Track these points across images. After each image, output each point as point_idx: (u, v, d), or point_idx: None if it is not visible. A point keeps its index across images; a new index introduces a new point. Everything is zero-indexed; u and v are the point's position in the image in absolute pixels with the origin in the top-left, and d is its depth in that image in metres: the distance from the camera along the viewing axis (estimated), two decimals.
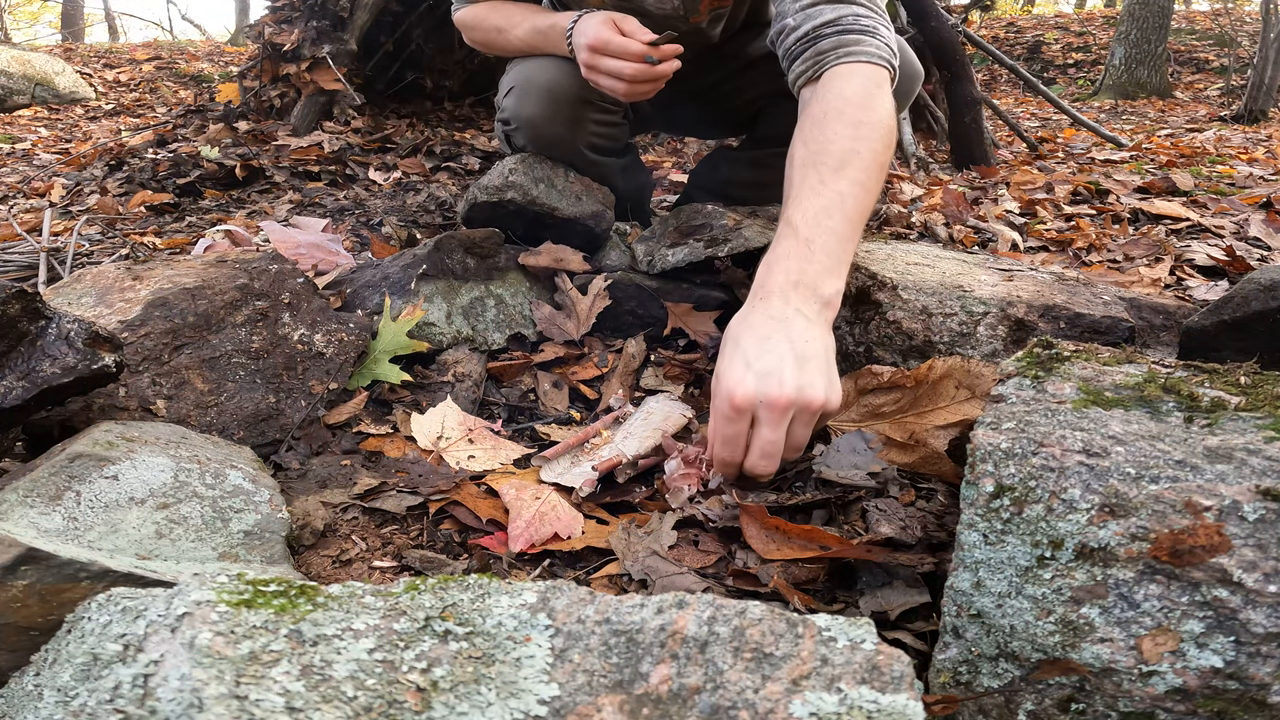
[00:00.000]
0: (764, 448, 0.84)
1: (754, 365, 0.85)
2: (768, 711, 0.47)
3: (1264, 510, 0.55)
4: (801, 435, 0.86)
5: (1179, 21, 9.90)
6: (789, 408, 0.83)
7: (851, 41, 1.08)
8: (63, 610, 0.60)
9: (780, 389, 0.83)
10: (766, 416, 0.84)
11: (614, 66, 1.27)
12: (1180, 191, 2.42)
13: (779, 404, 0.83)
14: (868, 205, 0.99)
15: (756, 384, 0.84)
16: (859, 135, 1.00)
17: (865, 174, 0.99)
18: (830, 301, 0.92)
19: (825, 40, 1.09)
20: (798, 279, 0.91)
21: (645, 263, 1.45)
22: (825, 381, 0.86)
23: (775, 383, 0.84)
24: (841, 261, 0.95)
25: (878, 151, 1.00)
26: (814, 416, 0.86)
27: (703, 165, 1.89)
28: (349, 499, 0.95)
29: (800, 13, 1.13)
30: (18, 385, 0.82)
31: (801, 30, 1.12)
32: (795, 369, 0.84)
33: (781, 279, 0.92)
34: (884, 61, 1.08)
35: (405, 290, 1.29)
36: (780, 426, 0.84)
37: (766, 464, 0.85)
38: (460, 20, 1.58)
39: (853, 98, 1.04)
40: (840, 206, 0.96)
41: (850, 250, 0.96)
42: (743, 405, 0.84)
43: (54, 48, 9.29)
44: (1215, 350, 0.96)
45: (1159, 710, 0.54)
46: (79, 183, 2.70)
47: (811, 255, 0.93)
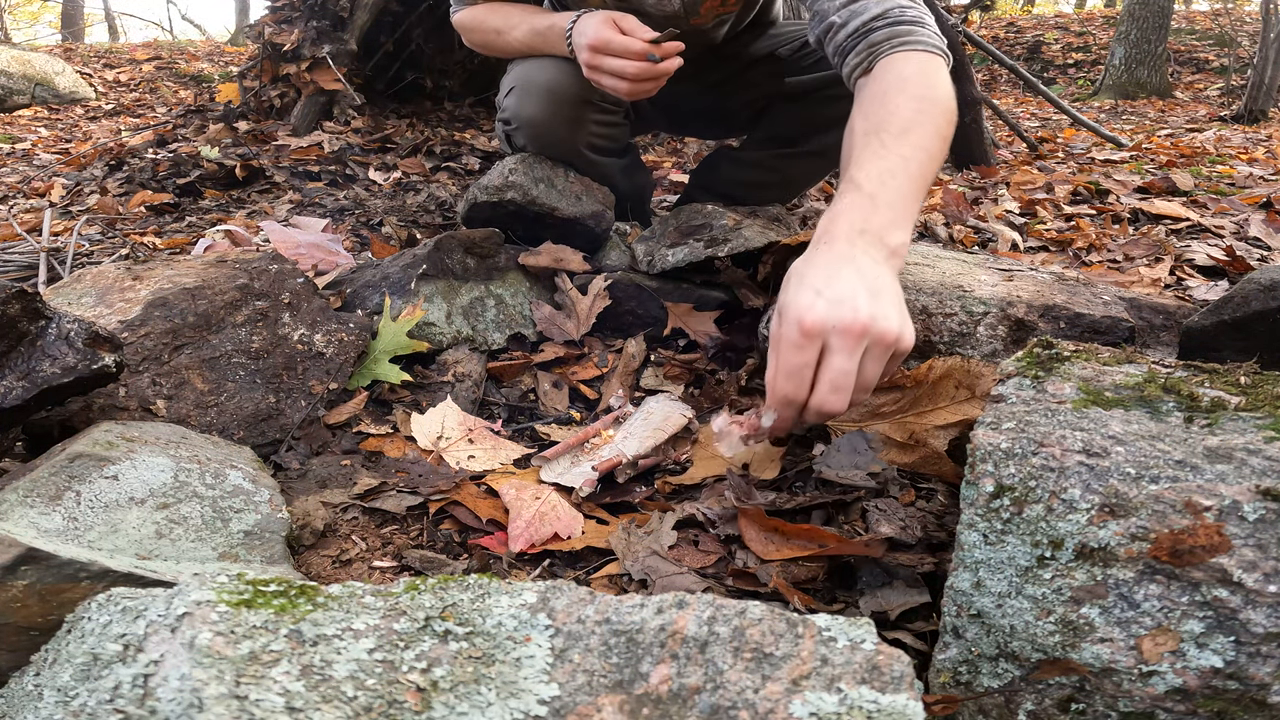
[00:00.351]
0: (835, 378, 0.78)
1: (824, 293, 0.80)
2: (768, 711, 0.47)
3: (1264, 510, 0.55)
4: (872, 372, 0.80)
5: (1179, 21, 9.90)
6: (864, 334, 0.78)
7: (904, 32, 1.09)
8: (63, 610, 0.60)
9: (855, 314, 0.78)
10: (839, 343, 0.78)
11: (616, 65, 1.27)
12: (1180, 191, 2.42)
13: (854, 329, 0.78)
14: (931, 172, 0.97)
15: (828, 309, 0.79)
16: (920, 109, 0.99)
17: (929, 142, 0.97)
18: (897, 251, 0.89)
19: (877, 33, 1.10)
20: (863, 227, 0.88)
21: (645, 263, 1.45)
22: (900, 317, 0.81)
23: (849, 309, 0.79)
24: (906, 217, 0.92)
25: (940, 126, 0.99)
26: (887, 352, 0.80)
27: (703, 165, 1.89)
28: (349, 499, 0.95)
29: (844, 9, 1.14)
30: (18, 385, 0.82)
31: (851, 26, 1.12)
32: (869, 299, 0.80)
33: (846, 227, 0.89)
34: (938, 49, 1.09)
35: (405, 290, 1.29)
36: (854, 355, 0.78)
37: (837, 398, 0.79)
38: (459, 23, 1.58)
39: (912, 77, 1.04)
40: (904, 169, 0.94)
41: (914, 209, 0.93)
42: (813, 330, 0.79)
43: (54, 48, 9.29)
44: (1215, 350, 0.96)
45: (1159, 710, 0.54)
46: (79, 183, 2.70)
47: (876, 208, 0.90)
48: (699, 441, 1.11)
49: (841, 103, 1.52)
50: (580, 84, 1.44)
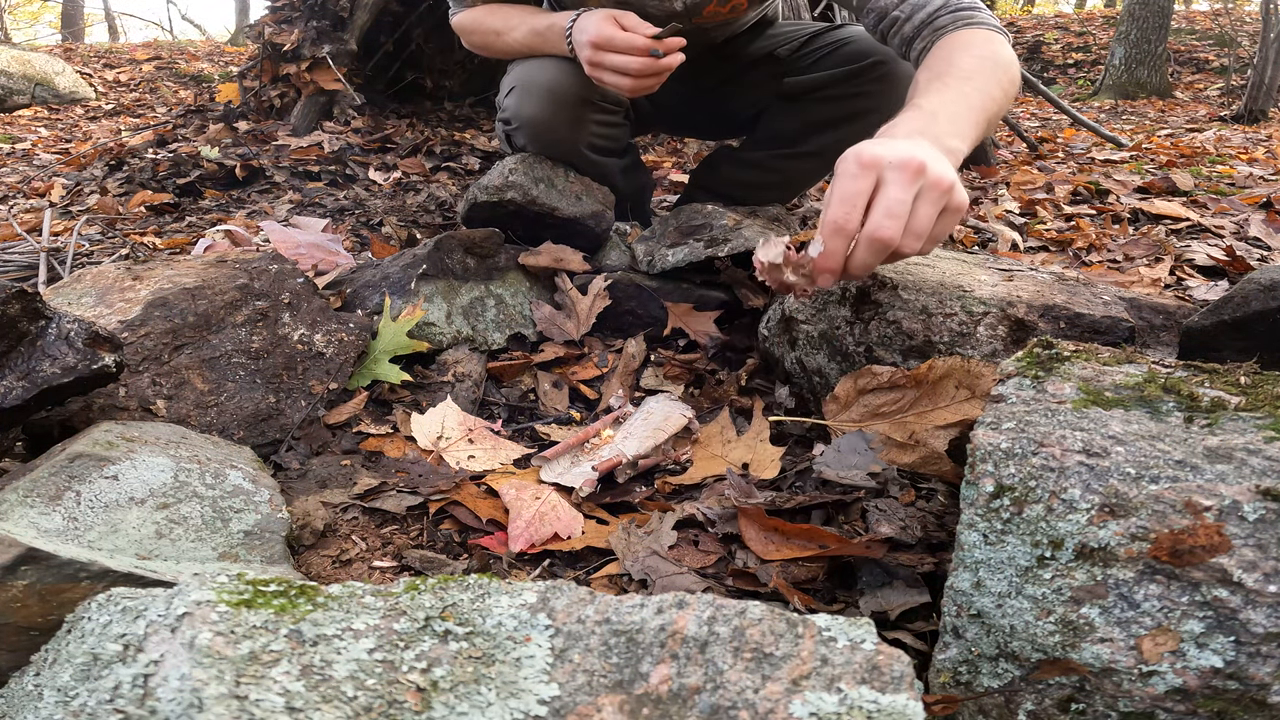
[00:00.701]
0: (890, 205, 0.79)
1: (881, 144, 0.83)
2: (768, 711, 0.47)
3: (1264, 510, 0.55)
4: (926, 215, 0.81)
5: (1179, 21, 9.90)
6: (920, 172, 0.80)
7: (965, 15, 1.16)
8: (63, 610, 0.60)
9: (912, 154, 0.81)
10: (895, 176, 0.80)
11: (619, 62, 1.27)
12: (1180, 191, 2.42)
13: (910, 165, 0.80)
14: (990, 110, 1.00)
15: (885, 149, 0.81)
16: (981, 64, 1.05)
17: (988, 86, 1.01)
18: (955, 153, 0.91)
19: (941, 19, 1.17)
20: (922, 130, 0.91)
21: (645, 263, 1.45)
22: (955, 176, 0.83)
23: (907, 151, 0.81)
24: (965, 131, 0.94)
25: (1000, 80, 1.03)
26: (942, 197, 0.81)
27: (703, 165, 1.89)
28: (349, 499, 0.95)
29: (905, 4, 1.22)
30: (18, 385, 0.82)
31: (916, 20, 1.20)
32: (926, 153, 0.82)
33: (905, 129, 0.92)
34: (999, 29, 1.15)
35: (405, 290, 1.29)
36: (909, 189, 0.79)
37: (892, 224, 0.79)
38: (458, 25, 1.58)
39: (976, 42, 1.11)
40: (964, 99, 0.98)
41: (975, 130, 0.96)
42: (869, 162, 0.81)
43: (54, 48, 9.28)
44: (1215, 350, 0.96)
45: (1159, 710, 0.54)
46: (79, 183, 2.70)
47: (935, 120, 0.93)
48: (699, 441, 1.11)
49: (840, 103, 1.53)
50: (580, 84, 1.44)
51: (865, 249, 0.82)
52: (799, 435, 1.12)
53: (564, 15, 1.39)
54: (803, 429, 1.12)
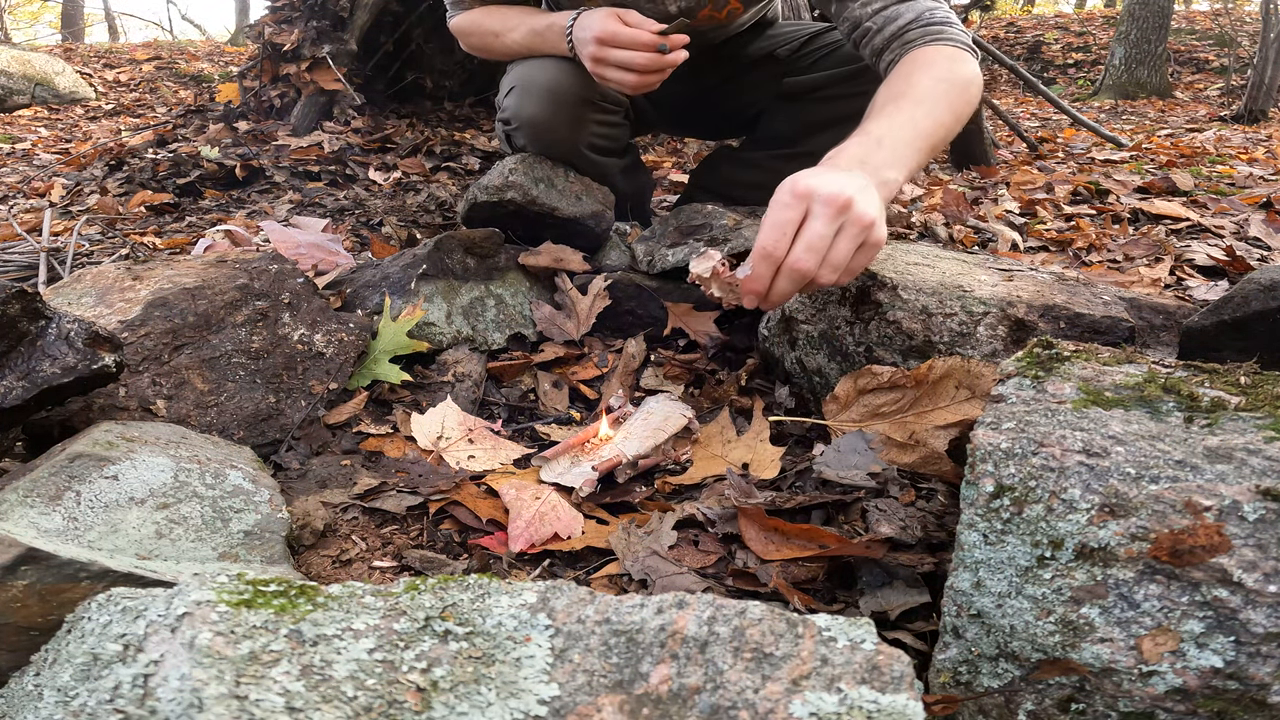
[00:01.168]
0: (811, 240, 0.87)
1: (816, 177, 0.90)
2: (768, 711, 0.47)
3: (1264, 510, 0.55)
4: (844, 249, 0.88)
5: (1179, 21, 9.89)
6: (845, 208, 0.86)
7: (935, 31, 1.19)
8: (63, 610, 0.60)
9: (840, 190, 0.87)
10: (820, 210, 0.87)
11: (624, 58, 1.27)
12: (1180, 191, 2.42)
13: (836, 201, 0.86)
14: (938, 136, 1.06)
15: (817, 182, 0.88)
16: (937, 86, 1.09)
17: (940, 111, 1.06)
18: (889, 184, 0.97)
19: (911, 33, 1.20)
20: (864, 159, 0.97)
21: (645, 263, 1.45)
22: (879, 213, 0.90)
23: (836, 186, 0.87)
24: (906, 160, 1.00)
25: (954, 103, 1.09)
26: (861, 233, 0.88)
27: (703, 165, 1.89)
28: (349, 499, 0.95)
29: (877, 15, 1.24)
30: (18, 385, 0.82)
31: (887, 32, 1.22)
32: (857, 190, 0.89)
33: (847, 157, 0.98)
34: (966, 45, 1.18)
35: (405, 290, 1.29)
36: (832, 224, 0.86)
37: (810, 258, 0.86)
38: (456, 28, 1.58)
39: (937, 61, 1.14)
40: (912, 124, 1.03)
41: (914, 160, 1.02)
42: (801, 193, 0.88)
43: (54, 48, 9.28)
44: (1215, 350, 0.96)
45: (1159, 710, 0.54)
46: (79, 183, 2.70)
47: (879, 148, 0.99)
48: (699, 441, 1.11)
49: (839, 103, 1.53)
50: (580, 83, 1.44)
51: (785, 277, 0.89)
52: (799, 435, 1.12)
53: (563, 15, 1.39)
54: (803, 429, 1.12)
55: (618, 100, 1.55)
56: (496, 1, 1.54)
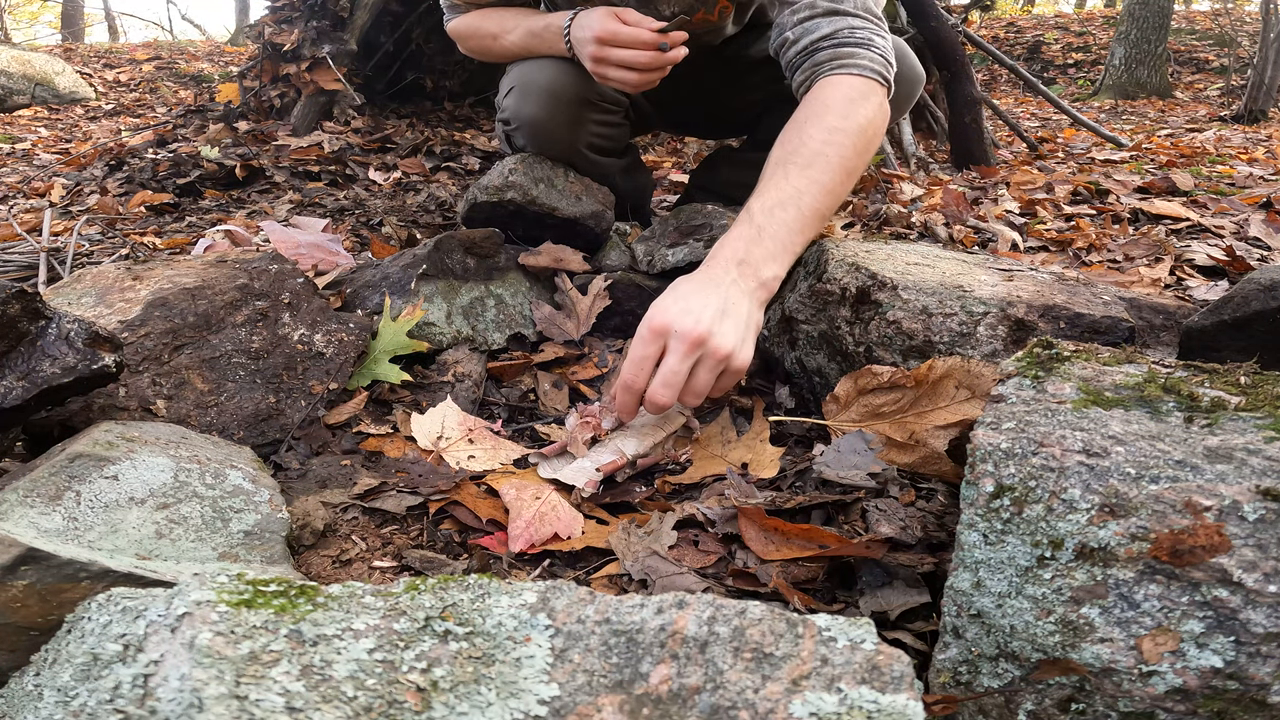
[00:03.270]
0: (666, 376, 0.91)
1: (679, 304, 0.94)
2: (768, 711, 0.47)
3: (1264, 510, 0.55)
4: (703, 380, 0.93)
5: (1179, 21, 9.89)
6: (698, 344, 0.91)
7: (846, 54, 1.14)
8: (63, 610, 0.60)
9: (695, 325, 0.91)
10: (675, 346, 0.91)
11: (625, 56, 1.27)
12: (1180, 191, 2.42)
13: (689, 337, 0.90)
14: (826, 204, 1.06)
15: (675, 316, 0.92)
16: (829, 140, 1.07)
17: (829, 175, 1.06)
18: (767, 284, 1.00)
19: (822, 53, 1.16)
20: (743, 258, 0.99)
21: (645, 263, 1.45)
22: (738, 339, 0.94)
23: (692, 320, 0.91)
24: (787, 249, 1.02)
25: (846, 156, 1.07)
26: (719, 364, 0.92)
27: (703, 166, 1.89)
28: (349, 499, 0.95)
29: (798, 26, 1.19)
30: (18, 385, 0.82)
31: (801, 44, 1.18)
32: (715, 318, 0.92)
33: (728, 254, 1.00)
34: (875, 74, 1.14)
35: (405, 290, 1.29)
36: (686, 360, 0.91)
37: (665, 393, 0.91)
38: (454, 31, 1.58)
39: (833, 105, 1.10)
40: (796, 201, 1.03)
41: (799, 242, 1.03)
42: (658, 329, 0.92)
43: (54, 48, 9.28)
44: (1215, 350, 0.96)
45: (1159, 710, 0.54)
46: (79, 183, 2.70)
47: (760, 240, 1.01)
48: (699, 441, 1.11)
49: None
50: (580, 84, 1.44)
51: (649, 405, 0.95)
52: (799, 435, 1.12)
53: (560, 15, 1.39)
54: (803, 429, 1.12)
55: (617, 100, 1.55)
56: (493, 4, 1.54)
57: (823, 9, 1.18)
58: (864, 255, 1.16)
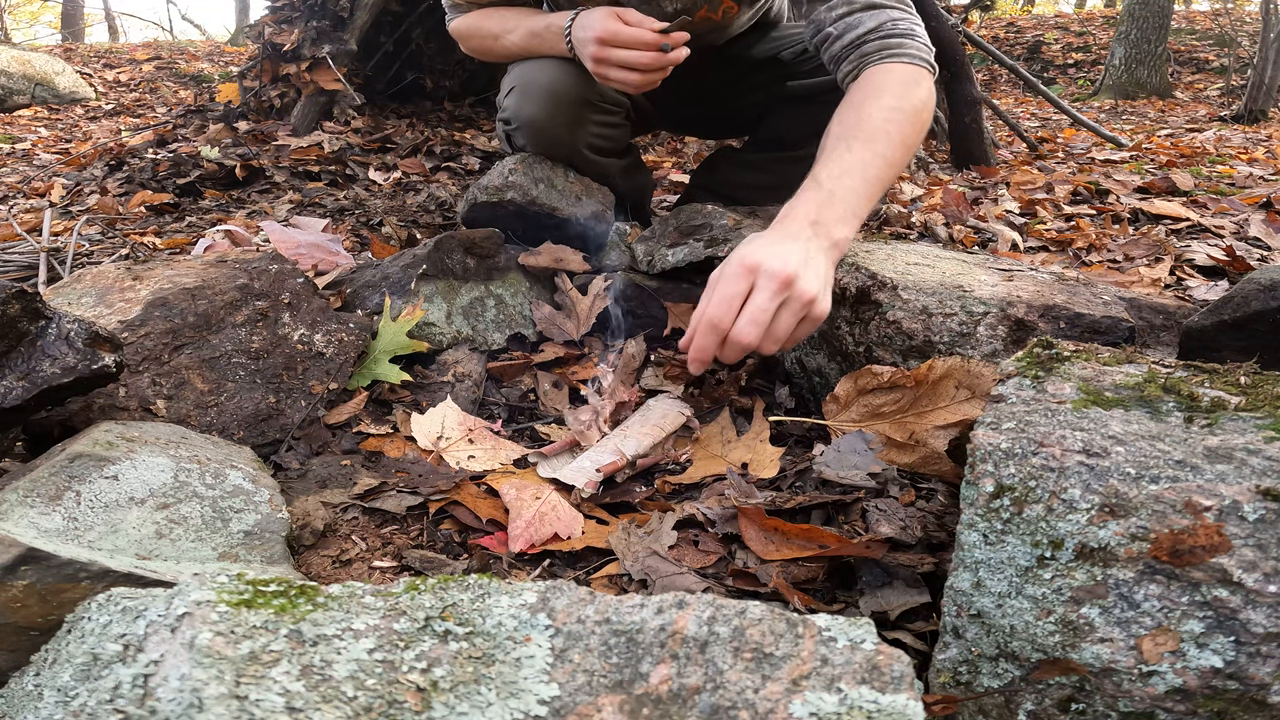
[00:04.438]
0: (754, 313, 0.91)
1: (765, 249, 0.94)
2: (768, 711, 0.47)
3: (1264, 510, 0.55)
4: (785, 325, 0.93)
5: (1179, 21, 9.89)
6: (787, 284, 0.91)
7: (894, 45, 1.18)
8: (63, 610, 0.60)
9: (784, 266, 0.92)
10: (764, 284, 0.91)
11: (626, 57, 1.26)
12: (1180, 191, 2.42)
13: (779, 276, 0.91)
14: (889, 177, 1.08)
15: (765, 256, 0.93)
16: (889, 118, 1.10)
17: (889, 149, 1.08)
18: (839, 244, 1.01)
19: (869, 45, 1.19)
20: (816, 219, 1.00)
21: (645, 263, 1.45)
22: (822, 287, 0.95)
23: (781, 261, 0.92)
24: (855, 214, 1.04)
25: (905, 133, 1.10)
26: (803, 309, 0.93)
27: (703, 166, 1.89)
28: (349, 499, 0.95)
29: (839, 21, 1.22)
30: (18, 385, 0.82)
31: (846, 39, 1.21)
32: (800, 264, 0.93)
33: (801, 214, 1.01)
34: (923, 61, 1.18)
35: (405, 290, 1.29)
36: (774, 299, 0.91)
37: (752, 330, 0.91)
38: (455, 30, 1.58)
39: (889, 87, 1.13)
40: (861, 171, 1.05)
41: (866, 208, 1.06)
42: (749, 267, 0.92)
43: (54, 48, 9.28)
44: (1215, 350, 0.96)
45: (1159, 710, 0.54)
46: (79, 183, 2.70)
47: (831, 203, 1.02)
48: (699, 441, 1.11)
49: None
50: (581, 84, 1.44)
51: (729, 347, 0.93)
52: (799, 435, 1.12)
53: (561, 15, 1.39)
54: (803, 429, 1.12)
55: (618, 100, 1.55)
56: (495, 3, 1.54)
57: (861, 3, 1.21)
58: (864, 255, 1.16)
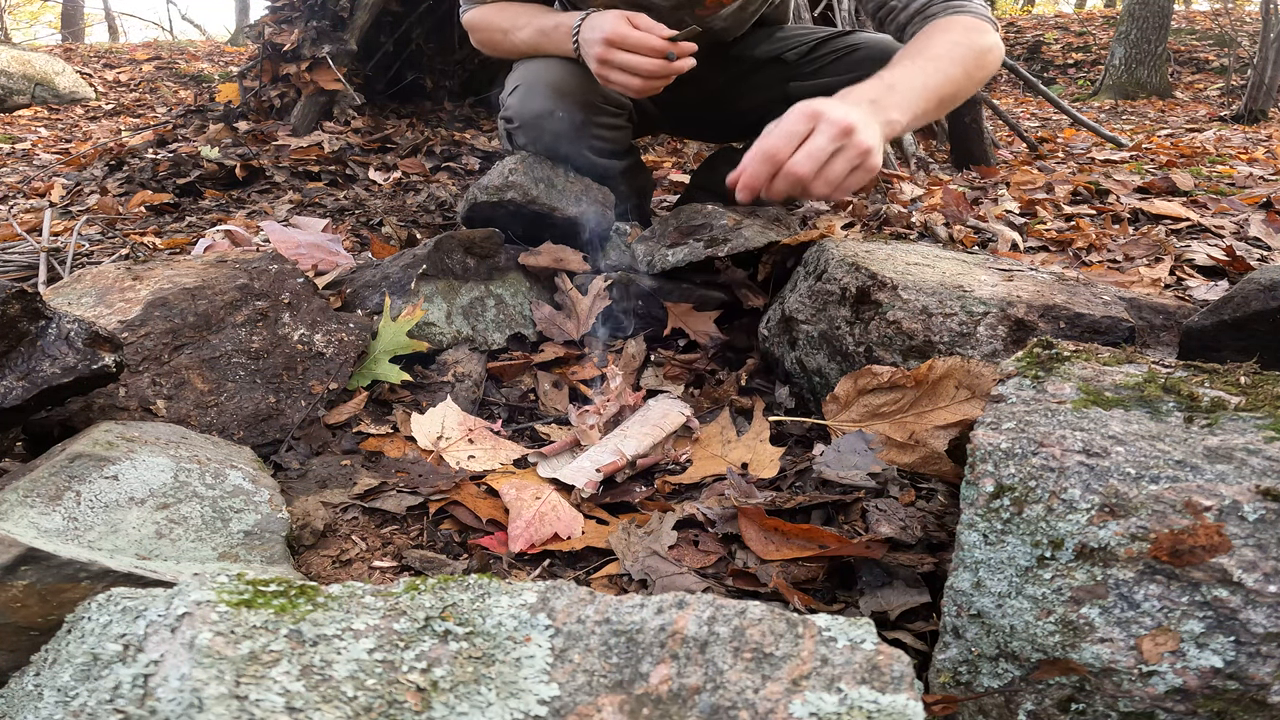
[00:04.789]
0: (812, 150, 0.97)
1: (828, 103, 1.01)
2: (768, 711, 0.47)
3: (1264, 510, 0.55)
4: (838, 171, 0.99)
5: (1179, 21, 9.89)
6: (846, 133, 0.98)
7: (958, 6, 1.27)
8: (63, 610, 0.60)
9: (845, 116, 0.99)
10: (824, 128, 0.98)
11: (630, 61, 1.26)
12: (1180, 191, 2.42)
13: (840, 123, 0.98)
14: (949, 91, 1.16)
15: (828, 108, 1.00)
16: (953, 49, 1.19)
17: (952, 68, 1.16)
18: (892, 124, 1.08)
19: (934, 6, 1.29)
20: (874, 99, 1.08)
21: (645, 263, 1.45)
22: (877, 143, 1.01)
23: (843, 113, 0.99)
24: (912, 107, 1.11)
25: (969, 63, 1.19)
26: (858, 158, 0.99)
27: (704, 166, 1.89)
28: (349, 499, 0.95)
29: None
30: (18, 385, 0.82)
31: (911, 9, 1.31)
32: (860, 120, 1.00)
33: (860, 94, 1.09)
34: (987, 18, 1.26)
35: (405, 290, 1.29)
36: (832, 143, 0.98)
37: (807, 164, 0.97)
38: (468, 22, 1.58)
39: (956, 26, 1.23)
40: (922, 77, 1.14)
41: (921, 108, 1.12)
42: (811, 113, 0.99)
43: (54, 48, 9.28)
44: (1215, 350, 0.96)
45: (1159, 710, 0.54)
46: (79, 183, 2.69)
47: (891, 93, 1.10)
48: (699, 441, 1.11)
49: None
50: (585, 86, 1.44)
51: (782, 179, 0.99)
52: (799, 435, 1.12)
53: (572, 15, 1.39)
54: (803, 429, 1.12)
55: (621, 103, 1.55)
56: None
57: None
58: (864, 255, 1.16)
